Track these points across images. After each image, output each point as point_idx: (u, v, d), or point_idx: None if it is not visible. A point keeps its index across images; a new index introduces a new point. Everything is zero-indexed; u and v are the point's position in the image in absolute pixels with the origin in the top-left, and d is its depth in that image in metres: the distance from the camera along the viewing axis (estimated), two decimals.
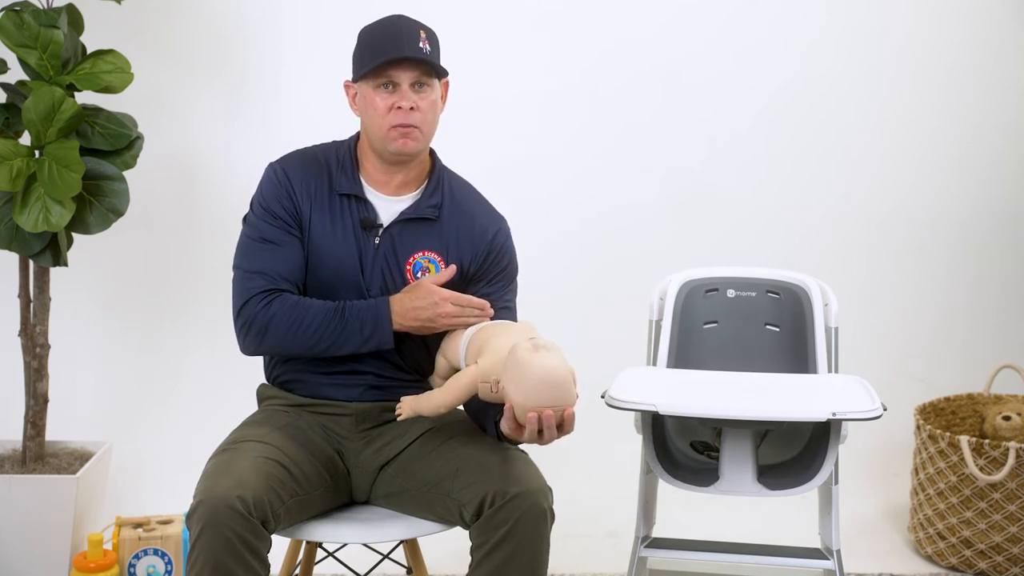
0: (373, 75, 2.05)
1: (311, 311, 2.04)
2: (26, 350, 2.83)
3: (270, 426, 2.08)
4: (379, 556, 2.39)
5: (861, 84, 3.59)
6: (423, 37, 2.05)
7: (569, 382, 1.80)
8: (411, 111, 2.04)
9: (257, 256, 2.08)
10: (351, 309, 2.05)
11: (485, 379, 1.87)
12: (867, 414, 2.05)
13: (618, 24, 3.49)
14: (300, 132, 3.39)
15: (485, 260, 2.16)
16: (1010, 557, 2.91)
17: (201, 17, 3.34)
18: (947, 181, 3.65)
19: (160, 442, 3.31)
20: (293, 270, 2.08)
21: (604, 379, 2.22)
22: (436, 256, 2.13)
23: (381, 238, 2.11)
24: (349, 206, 2.11)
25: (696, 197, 3.57)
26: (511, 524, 1.88)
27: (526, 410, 1.80)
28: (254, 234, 2.10)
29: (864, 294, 3.59)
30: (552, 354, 1.79)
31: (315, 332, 2.04)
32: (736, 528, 2.94)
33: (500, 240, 2.18)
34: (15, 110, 2.70)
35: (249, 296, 2.06)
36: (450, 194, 2.17)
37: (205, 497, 1.84)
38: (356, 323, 2.04)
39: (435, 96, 2.09)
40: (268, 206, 2.10)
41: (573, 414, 1.82)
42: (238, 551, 1.83)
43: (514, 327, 1.99)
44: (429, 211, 2.13)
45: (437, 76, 2.09)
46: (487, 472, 1.94)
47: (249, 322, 2.05)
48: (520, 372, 1.78)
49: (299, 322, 2.03)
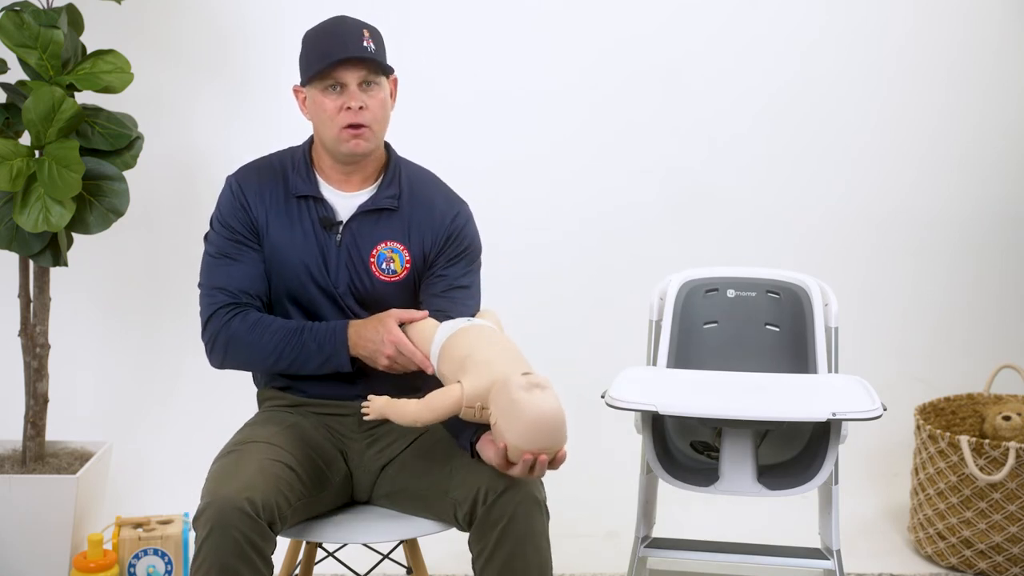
0: (320, 77, 2.06)
1: (270, 329, 2.07)
2: (26, 350, 2.83)
3: (276, 426, 2.08)
4: (379, 556, 2.39)
5: (861, 84, 3.59)
6: (367, 36, 2.06)
7: (564, 424, 1.78)
8: (360, 111, 2.05)
9: (217, 272, 2.11)
10: (311, 330, 2.06)
11: (470, 404, 1.84)
12: (867, 414, 2.05)
13: (618, 24, 3.49)
14: (300, 132, 3.39)
15: (446, 243, 2.15)
16: (1010, 557, 2.91)
17: (201, 17, 3.34)
18: (947, 181, 3.65)
19: (160, 442, 3.31)
20: (253, 283, 2.10)
21: (604, 379, 2.22)
22: (399, 245, 2.13)
23: (342, 234, 2.11)
24: (307, 207, 2.12)
25: (696, 197, 3.57)
26: (507, 520, 1.88)
27: (520, 451, 1.78)
28: (213, 250, 2.13)
29: (864, 294, 3.59)
30: (547, 394, 1.77)
31: (274, 350, 2.06)
32: (736, 528, 2.94)
33: (460, 223, 2.17)
34: (15, 110, 2.70)
35: (212, 311, 2.09)
36: (408, 183, 2.17)
37: (214, 499, 1.84)
38: (314, 344, 2.05)
39: (384, 94, 2.09)
40: (225, 221, 2.13)
41: (566, 453, 1.83)
42: (245, 553, 1.83)
43: (496, 339, 1.95)
44: (387, 201, 2.13)
45: (384, 74, 2.09)
46: (479, 469, 1.94)
47: (213, 337, 2.09)
48: (516, 413, 1.76)
49: (258, 341, 2.06)
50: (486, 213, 2.30)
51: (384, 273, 2.12)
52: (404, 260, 2.13)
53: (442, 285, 2.14)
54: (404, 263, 2.13)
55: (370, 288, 2.12)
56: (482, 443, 1.90)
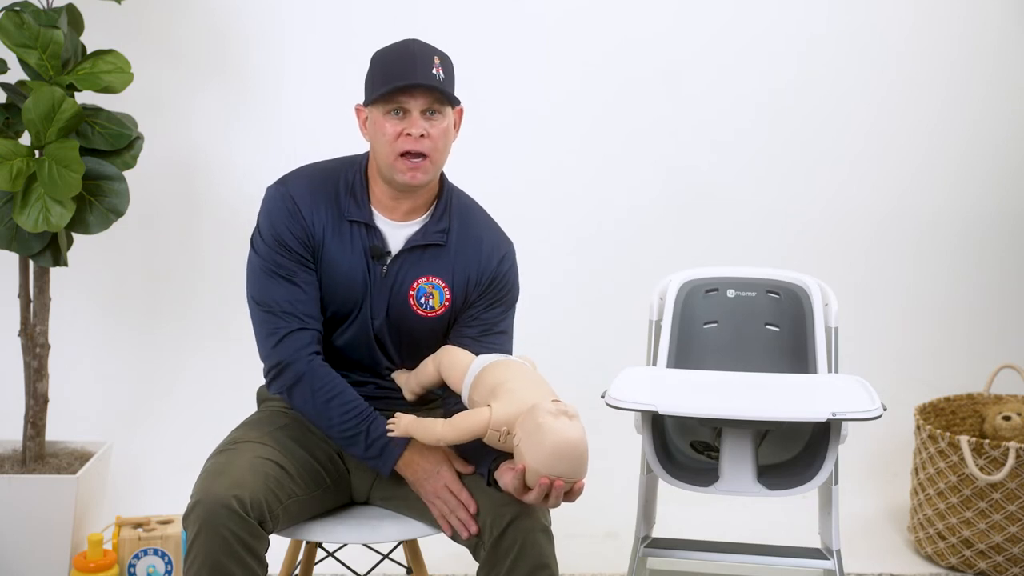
0: (383, 100, 1.98)
1: (340, 399, 1.99)
2: (26, 350, 2.83)
3: (269, 426, 2.08)
4: (379, 556, 2.39)
5: (861, 85, 3.59)
6: (437, 63, 1.98)
7: (586, 456, 1.78)
8: (421, 139, 1.97)
9: (276, 289, 2.02)
10: (374, 425, 1.99)
11: (497, 428, 1.83)
12: (867, 414, 2.05)
13: (618, 29, 3.49)
14: (300, 132, 3.41)
15: (490, 285, 2.11)
16: (1010, 557, 2.90)
17: (201, 17, 3.34)
18: (947, 181, 3.65)
19: (160, 442, 3.31)
20: (314, 306, 2.04)
21: (604, 379, 2.22)
22: (440, 282, 2.08)
23: (388, 265, 2.07)
24: (359, 232, 2.06)
25: (696, 197, 3.57)
26: (517, 550, 1.88)
27: (539, 475, 1.78)
28: (267, 265, 2.03)
29: (864, 294, 3.59)
30: (574, 424, 1.77)
31: (334, 420, 1.99)
32: (736, 528, 2.95)
33: (505, 267, 2.13)
34: (15, 110, 2.70)
35: (284, 334, 2.00)
36: (458, 218, 2.12)
37: (202, 497, 1.84)
38: (366, 440, 1.99)
39: (447, 124, 2.02)
40: (279, 235, 2.03)
41: (583, 486, 1.81)
42: (235, 551, 1.83)
43: (532, 375, 1.95)
44: (437, 236, 2.08)
45: (450, 104, 2.02)
46: (486, 493, 1.93)
47: (284, 366, 2.01)
48: (541, 437, 1.76)
49: (324, 404, 1.99)
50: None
51: (422, 308, 2.08)
52: (444, 298, 2.09)
53: (479, 328, 2.10)
54: (444, 300, 2.09)
55: (406, 321, 2.08)
56: (501, 470, 1.88)
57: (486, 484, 1.94)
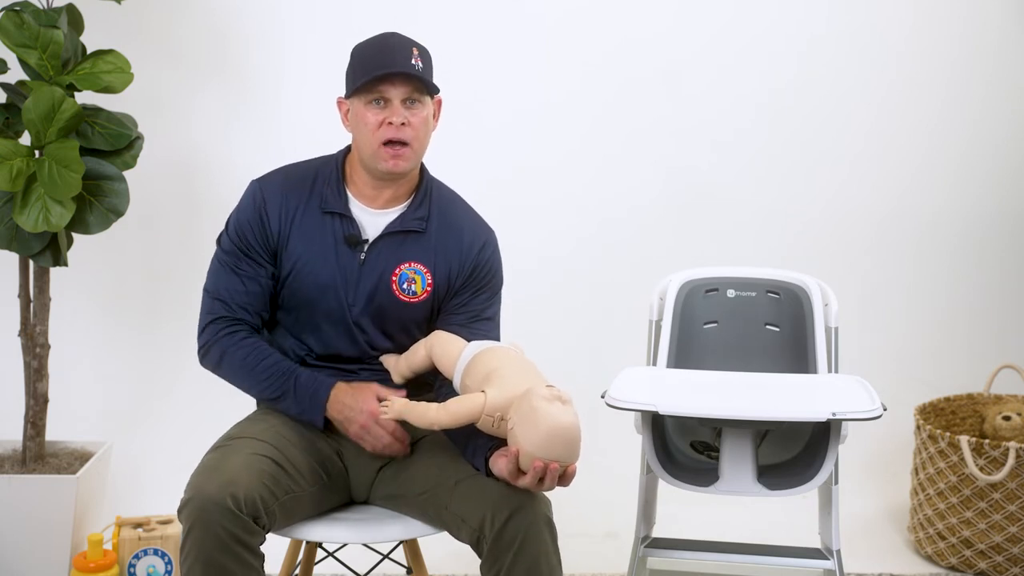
0: (365, 91, 2.05)
1: (264, 363, 2.09)
2: (26, 350, 2.83)
3: (266, 423, 2.09)
4: (379, 556, 2.39)
5: (861, 85, 3.59)
6: (415, 54, 2.05)
7: (579, 440, 1.82)
8: (402, 127, 2.04)
9: (221, 280, 2.12)
10: (298, 378, 2.08)
11: (491, 413, 1.86)
12: (867, 414, 2.05)
13: (617, 29, 3.49)
14: (300, 132, 3.41)
15: (472, 273, 2.15)
16: (1010, 557, 2.91)
17: (201, 17, 3.34)
18: (947, 181, 3.65)
19: (160, 442, 3.31)
20: (253, 301, 2.11)
21: (604, 379, 2.22)
22: (422, 267, 2.12)
23: (367, 253, 2.11)
24: (333, 223, 2.11)
25: (696, 197, 3.57)
26: (519, 543, 1.88)
27: (532, 458, 1.81)
28: (223, 256, 2.14)
29: (864, 294, 3.59)
30: (567, 408, 1.80)
31: (263, 383, 2.09)
32: (736, 528, 2.95)
33: (487, 254, 2.18)
34: (15, 110, 2.70)
35: (209, 320, 2.12)
36: (438, 206, 2.16)
37: (195, 494, 1.86)
38: (295, 395, 2.07)
39: (427, 113, 2.08)
40: (240, 230, 2.12)
41: (576, 470, 1.85)
42: (229, 546, 1.84)
43: (524, 362, 1.98)
44: (415, 223, 2.13)
45: (429, 93, 2.08)
46: (486, 488, 1.94)
47: (207, 347, 2.12)
48: (535, 420, 1.79)
49: (250, 369, 2.09)
50: (487, 214, 2.29)
51: (404, 293, 2.12)
52: (426, 283, 2.13)
53: (465, 316, 2.14)
54: (425, 285, 2.13)
55: (388, 308, 2.12)
56: (495, 458, 1.91)
57: (478, 473, 1.96)
